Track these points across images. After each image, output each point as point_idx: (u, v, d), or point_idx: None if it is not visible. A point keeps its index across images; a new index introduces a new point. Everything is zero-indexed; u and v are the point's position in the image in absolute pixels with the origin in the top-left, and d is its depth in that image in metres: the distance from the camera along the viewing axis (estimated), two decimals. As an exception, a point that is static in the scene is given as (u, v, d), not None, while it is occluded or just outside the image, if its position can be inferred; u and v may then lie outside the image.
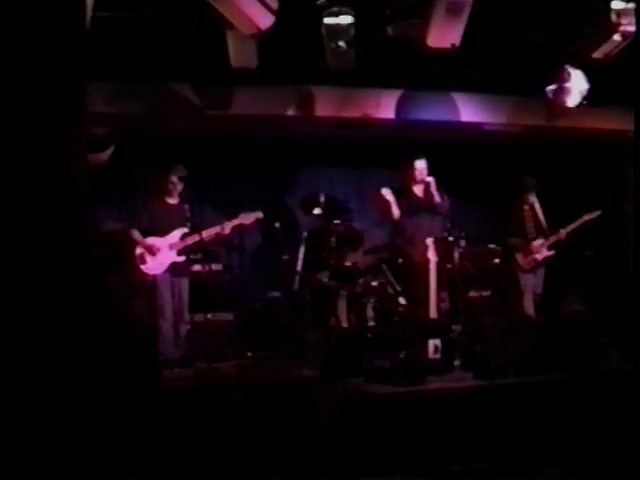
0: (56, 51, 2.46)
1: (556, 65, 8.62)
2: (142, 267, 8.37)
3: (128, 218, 8.88)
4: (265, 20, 7.05)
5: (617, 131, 10.03)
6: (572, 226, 9.64)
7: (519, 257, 9.72)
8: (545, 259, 9.71)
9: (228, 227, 8.59)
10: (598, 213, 9.58)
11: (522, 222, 9.83)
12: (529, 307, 9.58)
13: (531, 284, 9.72)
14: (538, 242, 9.69)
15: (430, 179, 8.91)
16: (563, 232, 9.65)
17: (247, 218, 8.67)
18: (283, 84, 9.26)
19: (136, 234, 8.43)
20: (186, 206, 8.47)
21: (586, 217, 9.60)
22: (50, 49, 2.44)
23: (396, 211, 8.95)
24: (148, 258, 8.39)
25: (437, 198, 8.87)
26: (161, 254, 8.40)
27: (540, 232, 9.78)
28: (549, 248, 9.69)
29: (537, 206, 9.90)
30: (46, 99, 2.43)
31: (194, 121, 9.57)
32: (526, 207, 9.86)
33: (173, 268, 8.45)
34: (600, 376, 7.15)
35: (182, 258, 8.46)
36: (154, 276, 8.37)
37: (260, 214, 8.72)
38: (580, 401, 6.73)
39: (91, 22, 5.81)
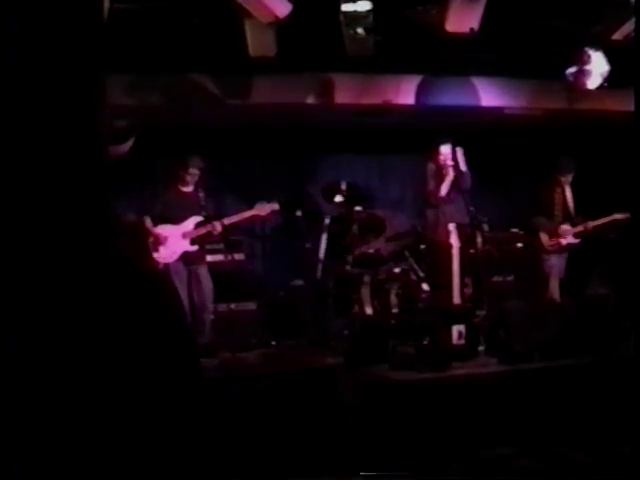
0: (74, 44, 2.47)
1: (576, 47, 8.56)
2: (154, 255, 8.36)
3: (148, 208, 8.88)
4: (283, 8, 7.05)
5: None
6: (601, 221, 9.63)
7: (543, 237, 9.66)
8: (568, 245, 9.66)
9: (243, 217, 8.62)
10: (626, 215, 9.52)
11: (551, 204, 9.75)
12: (555, 291, 9.53)
13: (557, 267, 9.67)
14: (566, 227, 9.64)
15: (459, 149, 8.87)
16: (591, 224, 9.62)
17: (263, 209, 8.67)
18: (302, 72, 9.25)
19: (148, 222, 8.44)
20: (201, 194, 8.49)
21: (616, 216, 9.57)
22: (68, 42, 2.45)
23: (445, 188, 8.93)
24: (160, 246, 8.40)
25: (463, 167, 8.83)
26: (173, 242, 8.39)
27: (567, 217, 9.73)
28: (575, 236, 9.65)
29: (569, 191, 9.83)
30: (65, 92, 2.44)
31: (214, 111, 9.59)
32: (558, 189, 9.79)
33: (185, 257, 8.46)
34: (625, 359, 7.12)
35: (195, 248, 8.46)
36: (166, 266, 8.35)
37: (276, 205, 8.72)
38: (605, 385, 6.72)
39: (109, 14, 5.83)
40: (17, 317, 2.24)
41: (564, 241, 9.63)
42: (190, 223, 8.48)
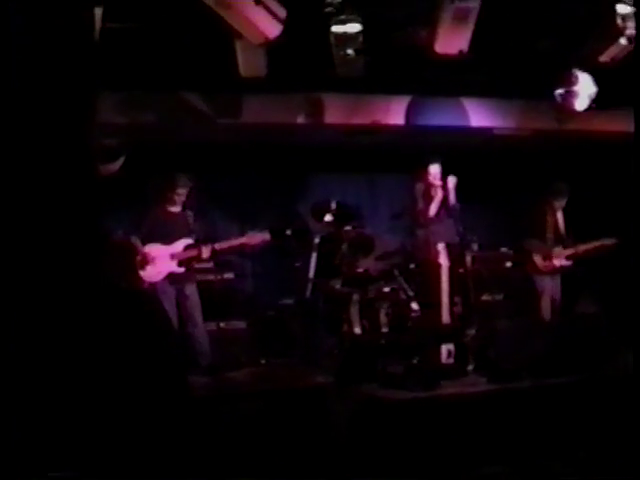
0: (66, 63, 2.50)
1: (564, 69, 8.63)
2: (141, 273, 8.32)
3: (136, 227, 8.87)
4: (273, 29, 7.09)
5: (626, 133, 10.02)
6: (590, 245, 9.71)
7: (537, 258, 9.70)
8: (561, 266, 9.71)
9: (233, 244, 8.61)
10: (615, 241, 9.63)
11: (543, 226, 9.80)
12: (546, 310, 9.56)
13: (549, 287, 9.70)
14: (559, 249, 9.69)
15: (452, 178, 8.89)
16: (582, 248, 9.69)
17: (253, 238, 8.63)
18: (292, 92, 9.29)
19: (136, 241, 8.42)
20: (189, 214, 8.49)
21: (604, 241, 9.67)
22: (60, 61, 2.48)
23: (434, 209, 8.97)
24: (147, 265, 8.37)
25: (453, 199, 8.87)
26: (160, 262, 8.37)
27: (559, 240, 9.78)
28: (567, 258, 9.70)
29: (560, 214, 9.89)
30: (56, 110, 2.46)
31: (205, 130, 9.61)
32: (551, 212, 9.84)
33: (172, 276, 8.43)
34: (614, 378, 7.14)
35: (182, 269, 8.43)
36: (153, 285, 8.32)
37: (267, 235, 8.63)
38: (594, 403, 6.73)
39: (101, 33, 5.86)
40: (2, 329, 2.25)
41: (557, 263, 9.67)
42: (180, 245, 8.45)
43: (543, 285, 9.67)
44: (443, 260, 8.33)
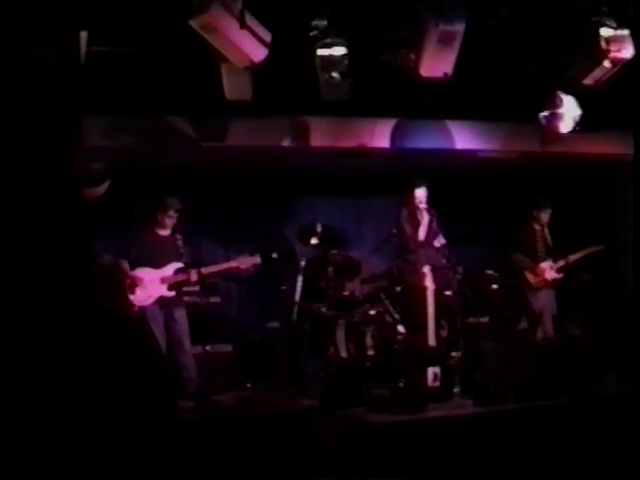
0: (51, 86, 2.49)
1: (548, 92, 8.68)
2: (130, 297, 8.28)
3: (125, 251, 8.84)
4: (258, 53, 7.09)
5: (610, 155, 10.10)
6: (580, 254, 9.82)
7: (529, 275, 9.74)
8: (553, 280, 9.74)
9: (223, 268, 8.59)
10: (602, 247, 9.73)
11: (532, 242, 9.88)
12: (550, 328, 9.56)
13: (548, 304, 9.72)
14: (547, 263, 9.74)
15: (441, 239, 8.93)
16: (572, 258, 9.78)
17: (244, 262, 8.60)
18: (278, 115, 9.30)
19: (125, 265, 8.38)
20: (178, 237, 8.44)
21: (593, 248, 9.81)
22: (45, 84, 2.47)
23: (422, 233, 8.98)
24: (136, 288, 8.35)
25: (440, 238, 8.92)
26: (150, 286, 8.33)
27: (549, 254, 9.83)
28: (558, 271, 9.74)
29: (547, 229, 9.95)
30: (41, 134, 2.45)
31: (190, 153, 9.60)
32: (537, 227, 9.91)
33: (162, 300, 8.39)
34: (600, 399, 7.15)
35: (172, 293, 8.39)
36: (142, 309, 8.28)
37: (258, 259, 8.62)
38: (581, 425, 6.72)
39: (86, 56, 5.86)
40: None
41: (549, 277, 9.71)
42: (170, 269, 8.40)
43: (542, 303, 9.68)
44: (429, 283, 8.35)
